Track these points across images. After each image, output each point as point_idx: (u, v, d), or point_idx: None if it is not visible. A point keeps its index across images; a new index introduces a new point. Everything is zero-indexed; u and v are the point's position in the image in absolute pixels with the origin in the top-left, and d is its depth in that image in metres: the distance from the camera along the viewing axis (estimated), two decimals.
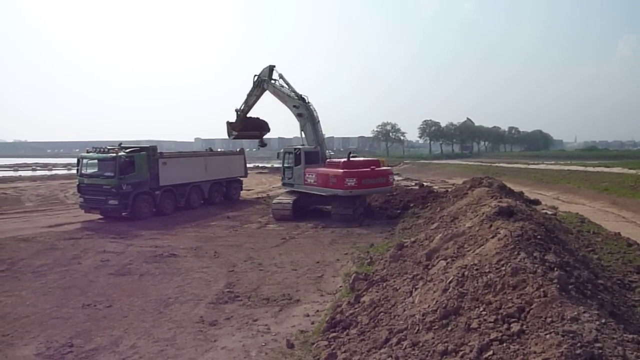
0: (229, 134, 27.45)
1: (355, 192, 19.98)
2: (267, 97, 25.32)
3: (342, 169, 19.99)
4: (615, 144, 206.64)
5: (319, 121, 23.33)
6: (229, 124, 27.04)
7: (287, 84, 24.19)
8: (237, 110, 26.47)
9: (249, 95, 25.96)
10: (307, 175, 21.16)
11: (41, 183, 38.59)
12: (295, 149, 22.20)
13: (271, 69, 24.79)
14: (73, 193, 27.75)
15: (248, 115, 26.76)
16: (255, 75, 25.13)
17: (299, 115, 23.08)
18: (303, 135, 23.14)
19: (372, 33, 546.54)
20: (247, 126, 27.23)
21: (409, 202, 22.86)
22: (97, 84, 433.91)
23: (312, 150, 22.27)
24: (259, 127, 27.94)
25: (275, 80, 24.63)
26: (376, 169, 21.17)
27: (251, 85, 25.46)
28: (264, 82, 24.79)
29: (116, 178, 19.98)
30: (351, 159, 21.47)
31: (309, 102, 23.28)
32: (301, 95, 23.42)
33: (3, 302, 10.09)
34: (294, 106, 23.28)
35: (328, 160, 22.05)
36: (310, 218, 20.85)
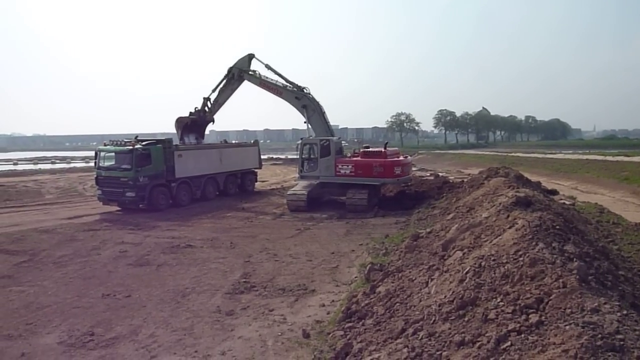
0: (184, 133, 24.86)
1: (401, 180, 21.45)
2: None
3: (389, 158, 20.83)
4: (636, 132, 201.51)
5: (324, 112, 23.11)
6: (187, 120, 24.88)
7: (278, 74, 23.45)
8: (206, 99, 24.80)
9: (222, 91, 24.45)
10: (339, 166, 21.13)
11: (60, 176, 39.19)
12: (321, 140, 21.96)
13: (250, 57, 23.91)
14: (91, 185, 28.11)
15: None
16: (230, 67, 24.01)
17: (303, 107, 22.71)
18: (309, 127, 22.95)
19: (389, 26, 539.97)
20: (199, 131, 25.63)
21: (424, 192, 22.78)
22: (114, 79, 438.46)
23: (338, 141, 22.48)
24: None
25: (255, 70, 23.79)
26: (407, 157, 23.39)
27: (221, 78, 24.16)
28: (243, 73, 23.81)
29: (133, 170, 20.19)
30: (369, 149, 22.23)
31: (309, 93, 22.91)
32: (300, 85, 23.02)
33: (26, 291, 10.32)
34: (296, 98, 22.87)
35: (363, 150, 22.21)
36: (325, 209, 20.87)
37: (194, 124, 25.23)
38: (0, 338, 7.95)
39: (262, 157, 31.30)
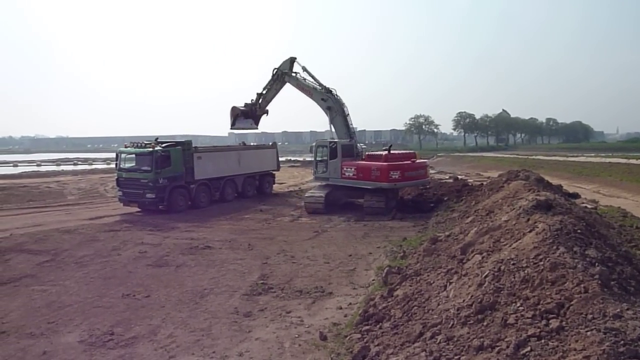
0: (237, 120, 26.50)
1: (399, 185, 20.47)
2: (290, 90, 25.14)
3: (386, 162, 20.14)
4: None
5: (348, 114, 23.21)
6: (239, 111, 26.30)
7: (312, 76, 23.90)
8: (259, 95, 25.90)
9: (268, 89, 25.61)
10: (344, 169, 21.02)
11: (82, 177, 39.92)
12: (330, 142, 22.03)
13: (292, 60, 24.53)
14: (112, 187, 28.56)
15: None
16: (275, 69, 24.87)
17: (327, 109, 22.96)
18: (333, 129, 23.08)
19: (411, 27, 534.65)
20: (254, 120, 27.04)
21: (442, 195, 22.59)
22: (135, 83, 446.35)
23: (348, 143, 22.35)
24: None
25: (296, 73, 24.39)
26: (415, 161, 21.67)
27: (269, 78, 25.16)
28: (285, 75, 24.57)
29: (153, 172, 20.47)
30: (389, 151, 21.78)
31: (336, 95, 23.14)
32: (328, 87, 23.27)
33: (48, 290, 10.53)
34: (322, 99, 23.13)
35: (368, 153, 22.00)
36: (342, 211, 20.85)
37: (244, 114, 26.20)
38: (23, 336, 8.13)
39: (280, 159, 31.47)
